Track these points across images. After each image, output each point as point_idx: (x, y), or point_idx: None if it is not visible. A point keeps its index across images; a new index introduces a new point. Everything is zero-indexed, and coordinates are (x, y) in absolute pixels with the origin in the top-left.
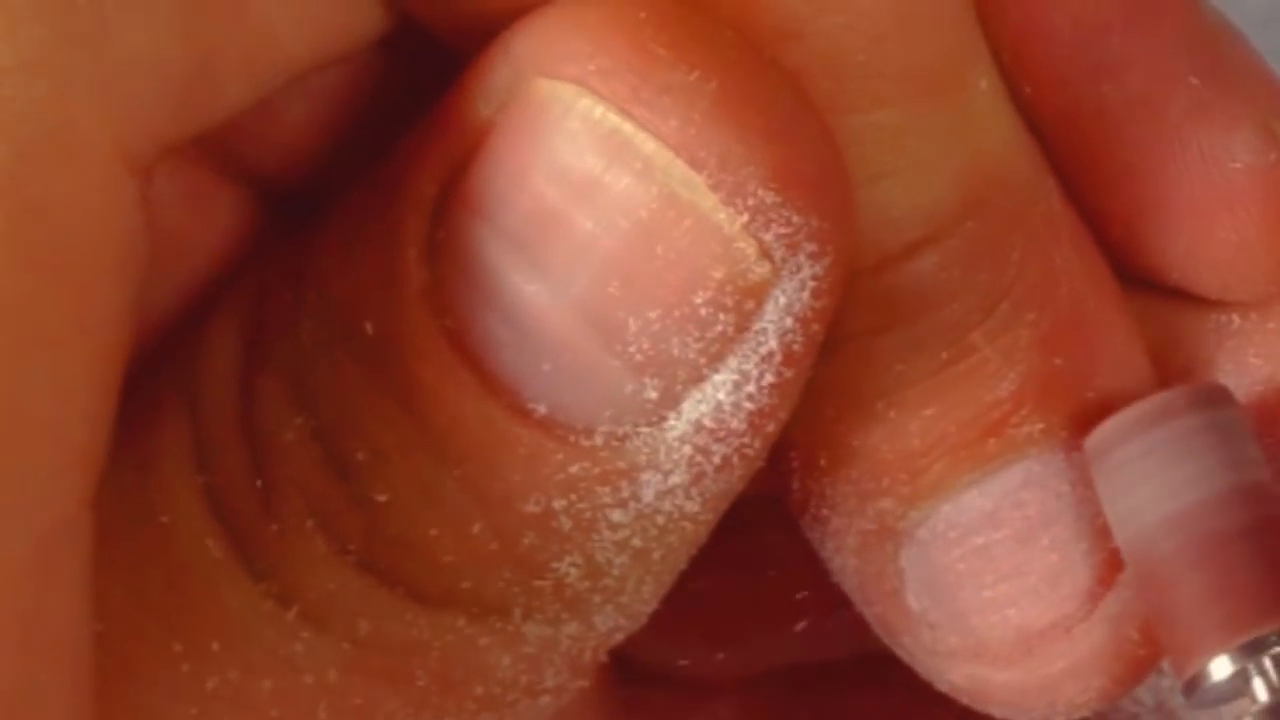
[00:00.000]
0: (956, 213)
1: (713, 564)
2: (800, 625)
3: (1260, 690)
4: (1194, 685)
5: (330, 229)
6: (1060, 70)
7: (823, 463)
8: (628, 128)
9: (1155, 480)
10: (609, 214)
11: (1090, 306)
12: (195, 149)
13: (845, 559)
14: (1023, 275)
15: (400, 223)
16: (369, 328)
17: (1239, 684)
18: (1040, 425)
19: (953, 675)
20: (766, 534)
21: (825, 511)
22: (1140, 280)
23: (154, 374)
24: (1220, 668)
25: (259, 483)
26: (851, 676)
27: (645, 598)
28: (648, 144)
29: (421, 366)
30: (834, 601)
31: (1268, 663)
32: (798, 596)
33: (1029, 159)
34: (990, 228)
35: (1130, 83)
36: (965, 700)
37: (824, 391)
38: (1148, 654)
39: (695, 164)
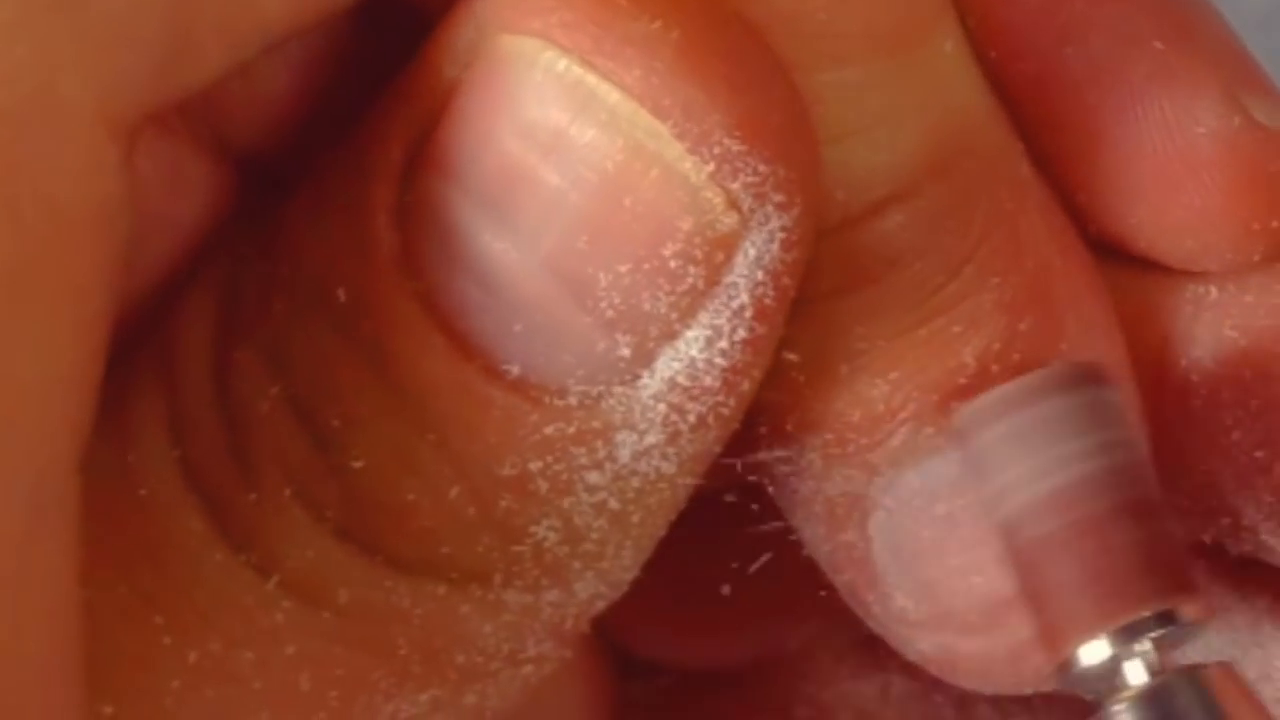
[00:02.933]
0: (920, 173)
1: (709, 554)
2: (798, 615)
3: (1136, 674)
4: (1066, 669)
5: (302, 198)
6: (1025, 34)
7: (790, 428)
8: (592, 79)
9: (1026, 462)
10: (576, 167)
11: (1057, 271)
12: (176, 122)
13: (814, 527)
14: (987, 239)
15: (369, 189)
16: (341, 295)
17: (1110, 668)
18: None
19: (921, 644)
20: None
21: (794, 478)
22: (1108, 249)
23: (132, 349)
24: (1094, 652)
25: (236, 454)
26: (850, 664)
27: (626, 563)
28: (612, 95)
29: (394, 332)
30: (828, 588)
31: (1147, 645)
32: (795, 587)
33: (995, 122)
34: (955, 190)
35: (1093, 45)
36: (934, 671)
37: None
38: None
39: (660, 113)
